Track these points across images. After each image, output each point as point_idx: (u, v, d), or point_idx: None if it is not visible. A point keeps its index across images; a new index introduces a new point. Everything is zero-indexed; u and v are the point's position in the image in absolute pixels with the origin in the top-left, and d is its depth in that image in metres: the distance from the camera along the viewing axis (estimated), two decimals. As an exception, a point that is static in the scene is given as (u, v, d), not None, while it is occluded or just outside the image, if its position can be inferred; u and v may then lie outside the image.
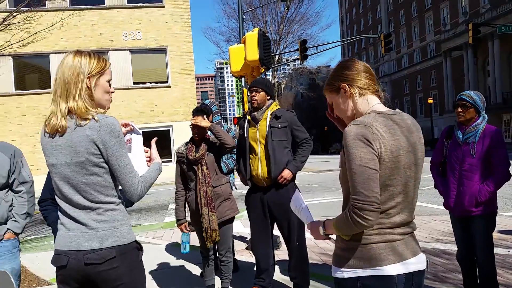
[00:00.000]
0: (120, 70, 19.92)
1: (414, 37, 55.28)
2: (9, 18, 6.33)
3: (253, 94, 3.79)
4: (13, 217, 2.93)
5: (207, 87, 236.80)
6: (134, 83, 20.48)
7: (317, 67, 44.48)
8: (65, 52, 15.25)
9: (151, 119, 20.59)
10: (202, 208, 3.53)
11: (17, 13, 6.36)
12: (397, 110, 1.71)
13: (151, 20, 20.81)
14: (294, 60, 25.69)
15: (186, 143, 3.77)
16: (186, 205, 3.81)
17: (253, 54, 5.57)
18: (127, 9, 20.64)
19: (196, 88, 22.03)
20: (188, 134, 5.01)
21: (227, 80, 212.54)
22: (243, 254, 5.47)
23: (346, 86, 1.69)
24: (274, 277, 4.21)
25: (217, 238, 3.57)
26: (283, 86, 60.30)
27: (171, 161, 20.22)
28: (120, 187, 1.86)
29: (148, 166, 1.96)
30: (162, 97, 20.81)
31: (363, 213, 1.48)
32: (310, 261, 4.08)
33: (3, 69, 18.70)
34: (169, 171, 7.68)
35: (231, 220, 3.76)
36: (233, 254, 4.88)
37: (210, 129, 3.53)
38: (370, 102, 1.68)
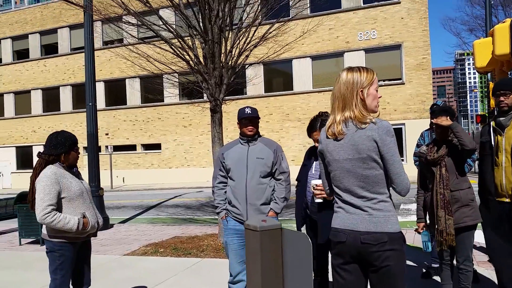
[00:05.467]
0: (355, 70, 20.60)
1: None
2: (267, 34, 7.52)
3: (501, 98, 3.44)
4: (275, 199, 3.64)
5: (444, 82, 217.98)
6: (368, 82, 20.73)
7: None
8: (306, 57, 16.75)
9: (383, 117, 20.46)
10: (438, 210, 3.50)
11: (273, 29, 7.50)
12: None
13: (386, 17, 20.73)
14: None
15: (428, 144, 3.80)
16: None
17: (504, 47, 5.04)
18: (362, 10, 21.14)
19: (432, 83, 20.76)
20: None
21: (469, 73, 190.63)
22: (485, 266, 5.07)
23: None
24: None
25: (453, 243, 3.48)
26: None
27: (403, 160, 19.78)
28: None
29: None
30: (395, 94, 20.50)
31: None
32: None
33: (252, 74, 21.92)
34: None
35: (470, 228, 3.54)
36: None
37: (451, 128, 3.43)
38: None
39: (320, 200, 3.05)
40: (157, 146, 25.22)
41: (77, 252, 3.34)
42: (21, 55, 29.31)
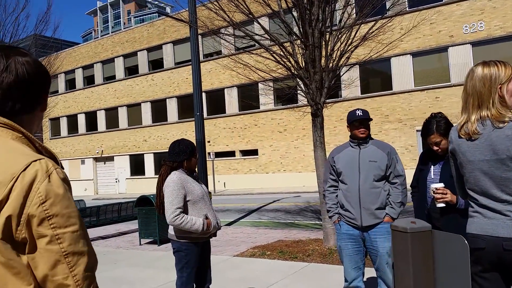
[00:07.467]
0: (462, 66, 19.16)
1: None
2: (368, 34, 7.35)
3: None
4: (390, 204, 3.52)
5: None
6: (476, 77, 19.19)
7: None
8: (406, 54, 16.02)
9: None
10: None
11: (375, 28, 7.31)
12: None
13: (495, 7, 18.98)
14: None
15: None
16: None
17: None
18: (467, 1, 19.60)
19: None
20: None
21: None
22: None
23: None
24: None
25: None
26: None
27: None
28: None
29: None
30: None
31: None
32: None
33: (352, 76, 21.47)
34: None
35: None
36: None
37: None
38: None
39: (442, 205, 2.89)
40: (254, 152, 25.91)
41: (199, 251, 3.58)
42: (132, 71, 32.25)
